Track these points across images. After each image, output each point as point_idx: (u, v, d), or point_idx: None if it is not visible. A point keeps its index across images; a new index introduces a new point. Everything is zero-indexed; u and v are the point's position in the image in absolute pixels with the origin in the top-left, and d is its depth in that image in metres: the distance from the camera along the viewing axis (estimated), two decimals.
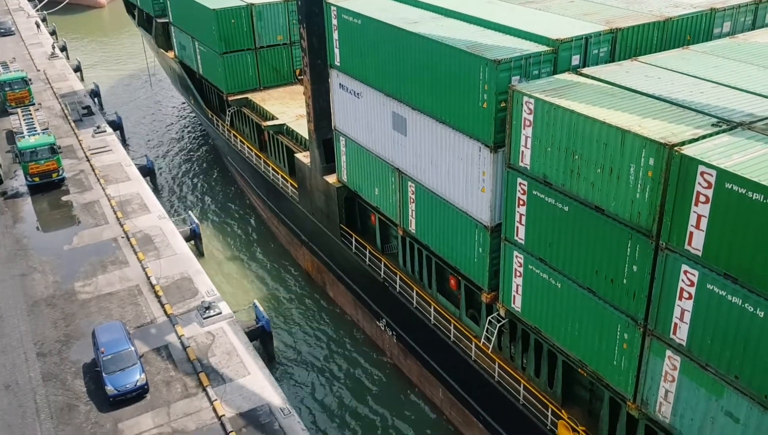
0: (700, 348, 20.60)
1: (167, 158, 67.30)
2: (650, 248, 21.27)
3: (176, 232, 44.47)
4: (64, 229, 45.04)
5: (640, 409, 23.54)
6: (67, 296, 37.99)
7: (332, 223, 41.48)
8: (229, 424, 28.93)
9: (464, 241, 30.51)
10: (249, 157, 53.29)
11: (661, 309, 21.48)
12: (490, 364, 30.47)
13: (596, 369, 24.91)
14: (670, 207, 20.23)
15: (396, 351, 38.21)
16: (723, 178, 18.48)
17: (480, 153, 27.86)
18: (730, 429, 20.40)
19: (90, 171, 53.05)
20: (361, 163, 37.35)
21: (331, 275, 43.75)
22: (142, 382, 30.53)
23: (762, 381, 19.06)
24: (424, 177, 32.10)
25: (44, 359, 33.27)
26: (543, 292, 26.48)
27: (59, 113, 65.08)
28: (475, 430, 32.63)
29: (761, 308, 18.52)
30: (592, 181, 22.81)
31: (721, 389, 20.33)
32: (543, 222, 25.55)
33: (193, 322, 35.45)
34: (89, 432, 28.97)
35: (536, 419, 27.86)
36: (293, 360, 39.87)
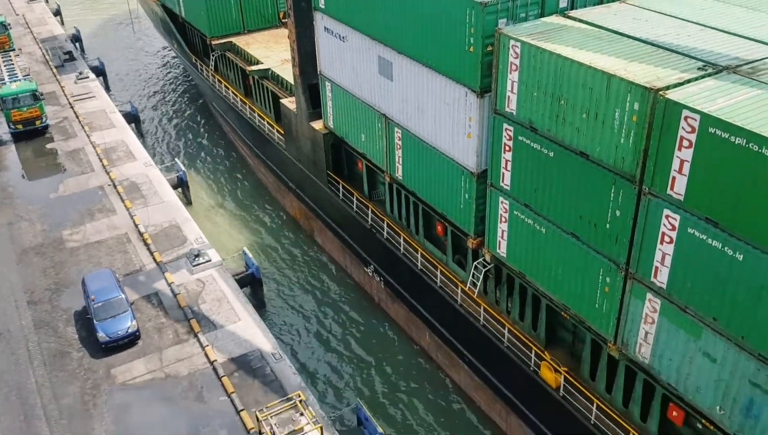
0: (680, 291, 20.96)
1: (152, 105, 66.28)
2: (633, 193, 21.39)
3: (163, 179, 44.17)
4: (49, 177, 44.61)
5: (620, 351, 24.09)
6: (55, 245, 37.93)
7: (319, 169, 41.32)
8: (221, 368, 29.37)
9: (450, 188, 30.53)
10: (234, 103, 52.59)
11: (643, 253, 21.75)
12: (475, 309, 30.94)
13: (578, 312, 25.36)
14: (654, 152, 20.26)
15: (384, 296, 38.66)
16: (706, 122, 18.46)
17: (466, 98, 27.62)
18: (707, 369, 20.95)
19: (74, 118, 52.22)
20: (348, 108, 36.97)
21: (318, 222, 43.84)
22: (134, 328, 30.77)
23: (739, 322, 19.49)
24: (411, 123, 31.86)
25: (35, 307, 33.43)
26: (528, 238, 26.70)
27: (40, 59, 63.62)
28: (461, 373, 33.37)
29: (740, 252, 18.78)
30: (578, 126, 22.74)
31: (699, 331, 20.79)
32: (528, 168, 25.57)
33: (182, 270, 35.55)
34: (82, 378, 29.36)
35: (520, 361, 28.48)
36: (283, 306, 40.29)
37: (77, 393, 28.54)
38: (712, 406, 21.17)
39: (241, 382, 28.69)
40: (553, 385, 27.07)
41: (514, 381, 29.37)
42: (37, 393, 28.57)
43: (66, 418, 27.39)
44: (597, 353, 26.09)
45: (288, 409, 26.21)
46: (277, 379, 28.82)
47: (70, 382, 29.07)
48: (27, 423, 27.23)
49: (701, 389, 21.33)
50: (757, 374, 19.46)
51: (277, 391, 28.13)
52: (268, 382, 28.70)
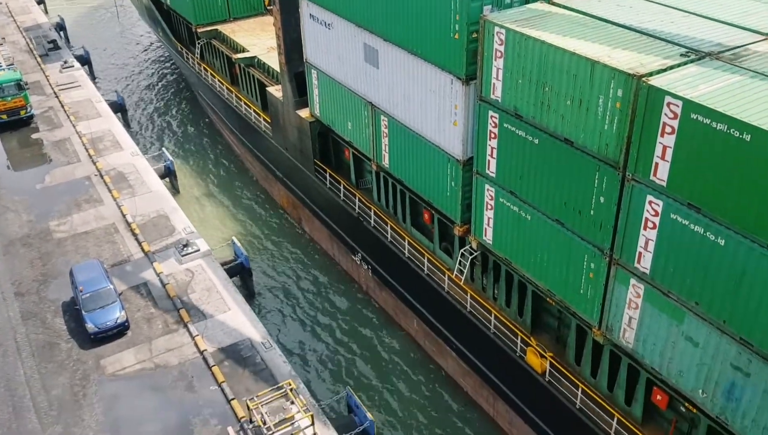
0: (663, 276, 21.16)
1: (138, 94, 65.74)
2: (617, 179, 21.51)
3: (150, 169, 43.88)
4: (35, 167, 44.16)
5: (605, 336, 24.31)
6: (42, 235, 37.63)
7: (306, 158, 41.22)
8: (211, 358, 29.31)
9: (437, 175, 30.58)
10: (220, 92, 52.28)
11: (627, 239, 21.91)
12: (462, 296, 31.08)
13: (564, 298, 25.55)
14: (637, 138, 20.37)
15: (371, 284, 38.75)
16: (688, 108, 18.57)
17: (452, 85, 27.61)
18: (689, 353, 21.20)
19: (59, 108, 51.67)
20: (334, 96, 36.86)
21: (306, 211, 43.78)
22: (123, 319, 30.63)
23: (721, 307, 19.71)
24: (397, 111, 31.82)
25: (22, 298, 33.15)
26: (513, 225, 26.82)
27: (24, 48, 62.82)
28: (448, 359, 33.56)
29: (722, 237, 18.96)
30: (562, 113, 22.81)
31: (681, 315, 21.01)
32: (514, 155, 25.64)
33: (171, 260, 35.39)
34: (71, 369, 29.19)
35: (506, 347, 28.67)
36: (272, 295, 40.24)
37: (66, 384, 28.43)
38: (695, 390, 21.44)
39: (231, 372, 28.71)
40: (538, 370, 27.29)
41: (500, 367, 29.58)
42: (26, 385, 28.43)
43: (56, 409, 27.31)
44: (582, 339, 26.32)
45: (279, 397, 26.27)
46: (268, 368, 28.85)
47: (59, 373, 28.95)
48: (16, 415, 27.11)
49: (684, 373, 21.59)
50: (738, 357, 19.71)
51: (268, 380, 28.16)
52: (259, 371, 28.74)
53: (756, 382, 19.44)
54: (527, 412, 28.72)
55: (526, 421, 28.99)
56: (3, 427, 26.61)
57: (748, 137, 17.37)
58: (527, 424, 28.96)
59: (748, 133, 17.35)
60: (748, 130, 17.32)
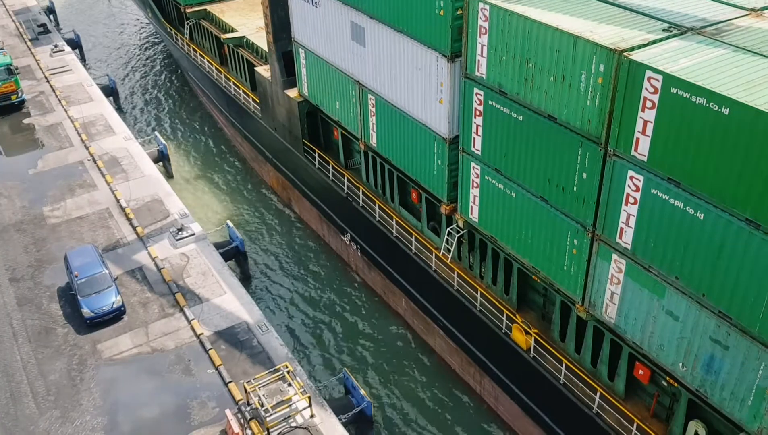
0: (644, 251, 21.30)
1: (129, 77, 65.29)
2: (599, 155, 21.58)
3: (143, 153, 43.73)
4: (27, 152, 43.97)
5: (588, 311, 24.50)
6: (36, 221, 37.51)
7: (295, 138, 41.14)
8: (208, 341, 29.36)
9: (424, 154, 30.59)
10: (209, 72, 52.01)
11: (609, 214, 22.03)
12: (449, 274, 31.22)
13: (548, 274, 25.70)
14: (618, 113, 20.41)
15: (361, 264, 38.86)
16: (668, 82, 18.60)
17: (437, 63, 27.55)
18: (669, 326, 21.40)
19: (50, 92, 51.38)
20: (322, 75, 36.74)
21: (296, 192, 43.77)
22: (119, 304, 30.58)
23: (700, 280, 19.87)
24: (384, 89, 31.76)
25: (17, 284, 33.11)
26: (499, 202, 26.90)
27: (14, 32, 62.33)
28: (436, 337, 33.77)
29: (701, 211, 19.08)
30: (545, 89, 22.81)
31: (662, 290, 21.18)
32: (498, 132, 25.66)
33: (166, 244, 35.34)
34: (68, 354, 29.19)
35: (492, 324, 28.87)
36: (268, 278, 40.10)
37: (64, 369, 28.49)
38: (675, 363, 21.67)
39: (228, 355, 28.81)
40: (523, 346, 27.50)
41: (486, 344, 29.79)
42: (23, 370, 28.47)
43: (53, 394, 27.39)
44: (566, 315, 26.51)
45: (276, 380, 26.38)
46: (264, 351, 28.95)
47: (56, 358, 29.01)
48: (14, 400, 27.18)
49: (664, 347, 21.80)
50: (717, 330, 19.90)
51: (265, 363, 28.30)
52: (256, 353, 28.85)
53: (734, 354, 19.65)
54: (512, 388, 28.97)
55: (511, 397, 29.26)
56: (1, 412, 26.68)
57: (726, 111, 17.42)
58: (512, 400, 29.24)
59: (726, 106, 17.40)
60: (727, 103, 17.36)
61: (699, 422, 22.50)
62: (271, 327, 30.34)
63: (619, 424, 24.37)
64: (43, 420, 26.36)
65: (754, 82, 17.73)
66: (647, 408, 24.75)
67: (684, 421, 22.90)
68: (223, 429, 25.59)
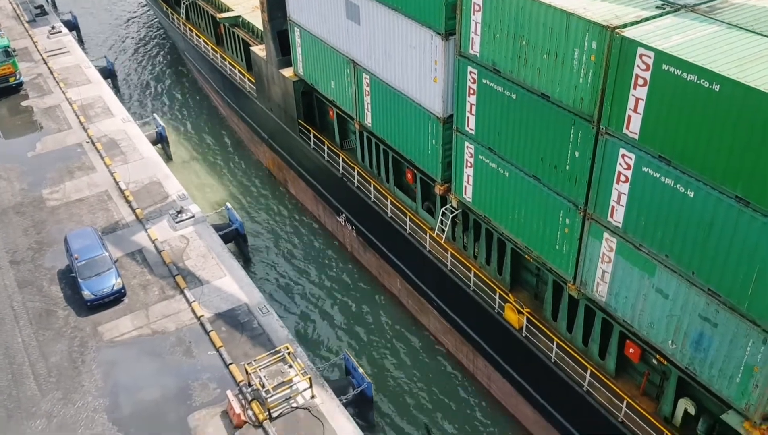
0: (635, 229, 21.33)
1: (127, 59, 64.85)
2: (591, 133, 21.54)
3: (142, 135, 43.64)
4: (26, 135, 43.90)
5: (579, 290, 24.59)
6: (35, 203, 37.49)
7: (290, 118, 41.01)
8: (208, 323, 29.42)
9: (418, 134, 30.52)
10: (205, 52, 51.74)
11: (600, 193, 22.03)
12: (443, 254, 31.27)
13: (540, 254, 25.76)
14: (611, 91, 20.34)
15: (356, 245, 38.90)
16: (660, 59, 18.52)
17: (432, 41, 27.40)
18: (659, 305, 21.48)
19: (48, 74, 51.22)
20: (317, 54, 36.55)
21: (291, 172, 43.71)
22: (119, 286, 30.60)
23: (690, 258, 19.92)
24: (378, 68, 31.62)
25: (18, 267, 33.13)
26: (492, 182, 26.89)
27: (11, 14, 62.01)
28: (430, 317, 33.90)
29: (692, 188, 19.08)
30: (539, 67, 22.72)
31: (652, 268, 21.23)
32: (492, 111, 25.59)
33: (165, 226, 35.33)
34: (69, 336, 29.26)
35: (485, 304, 28.96)
36: (267, 260, 39.98)
37: (65, 351, 28.58)
38: (665, 341, 21.78)
39: (229, 337, 28.89)
40: (516, 326, 27.61)
41: (479, 324, 29.91)
42: (25, 352, 28.57)
43: (55, 375, 27.51)
44: (558, 294, 26.59)
45: (277, 361, 26.53)
46: (265, 333, 29.04)
47: (57, 340, 29.09)
48: (15, 381, 27.32)
49: (654, 325, 21.90)
50: (706, 308, 19.98)
51: (265, 345, 28.39)
52: (256, 335, 28.95)
53: (723, 332, 19.74)
54: (505, 367, 29.13)
55: (503, 375, 29.44)
56: (3, 393, 26.85)
57: (717, 87, 17.37)
58: (505, 379, 29.42)
59: (717, 83, 17.34)
60: (718, 80, 17.31)
61: (688, 400, 22.66)
62: (271, 309, 30.39)
63: (609, 402, 24.52)
64: (45, 401, 26.51)
65: (746, 59, 17.66)
66: (638, 386, 24.91)
67: (674, 398, 23.07)
68: (224, 410, 25.76)
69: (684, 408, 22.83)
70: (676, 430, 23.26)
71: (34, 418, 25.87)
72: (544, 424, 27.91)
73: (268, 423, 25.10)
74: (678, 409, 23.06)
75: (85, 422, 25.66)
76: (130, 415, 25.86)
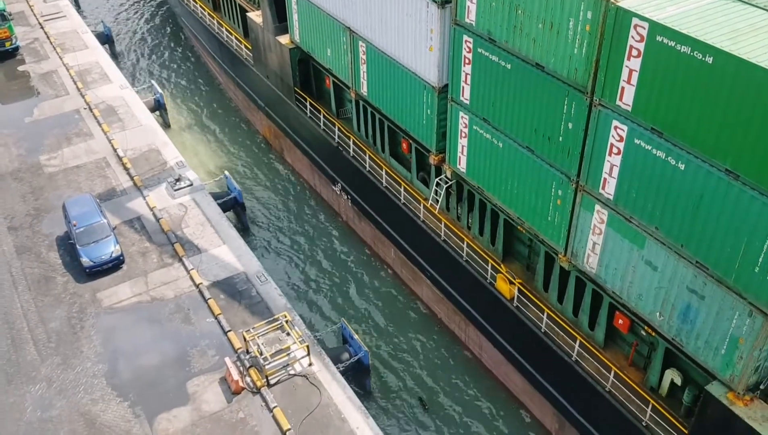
0: (626, 201, 21.38)
1: (124, 24, 64.08)
2: (585, 105, 21.46)
3: (140, 102, 43.32)
4: (23, 100, 43.52)
5: (570, 262, 24.73)
6: (33, 170, 37.35)
7: (287, 86, 40.76)
8: (207, 291, 29.54)
9: (413, 103, 30.38)
10: (202, 18, 51.19)
11: (593, 165, 22.03)
12: (437, 224, 31.37)
13: (533, 225, 25.84)
14: (605, 62, 20.21)
15: (351, 214, 38.97)
16: (654, 30, 18.37)
17: (428, 9, 27.13)
18: (648, 277, 21.64)
19: (45, 39, 50.62)
20: (313, 22, 36.19)
21: (288, 141, 43.59)
22: (117, 253, 30.60)
23: (679, 231, 20.01)
24: (374, 36, 31.34)
25: (16, 233, 33.13)
26: (486, 153, 26.85)
27: None
28: (423, 287, 34.13)
29: (682, 161, 19.09)
30: (534, 36, 22.53)
31: (642, 240, 21.34)
32: (487, 81, 25.44)
33: (164, 194, 35.26)
34: (68, 302, 29.36)
35: (478, 274, 29.15)
36: (266, 229, 40.02)
37: (64, 317, 28.69)
38: (653, 313, 21.98)
39: (227, 304, 29.03)
40: (507, 296, 27.83)
41: (471, 293, 30.13)
42: (24, 317, 28.67)
43: (54, 341, 27.66)
44: (550, 265, 26.75)
45: (274, 329, 26.72)
46: (263, 301, 29.18)
47: (56, 306, 29.20)
48: (14, 346, 27.48)
49: (643, 296, 22.08)
50: (694, 280, 20.14)
51: (263, 313, 28.52)
52: (254, 303, 29.08)
53: (710, 304, 19.93)
54: (496, 336, 29.43)
55: (495, 345, 29.75)
56: (2, 358, 27.03)
57: (710, 60, 17.26)
58: (496, 348, 29.74)
59: (710, 55, 17.23)
60: (711, 52, 17.19)
61: (675, 371, 22.97)
62: (269, 277, 30.47)
63: (597, 372, 24.86)
64: (45, 366, 26.72)
65: (740, 31, 17.53)
66: (626, 357, 25.21)
67: (661, 369, 23.39)
68: (222, 377, 26.03)
69: (670, 379, 23.16)
70: (663, 400, 23.63)
71: (34, 383, 26.15)
72: (534, 393, 28.31)
73: (265, 389, 25.41)
74: (665, 380, 23.40)
75: (84, 387, 25.95)
76: (129, 381, 26.12)
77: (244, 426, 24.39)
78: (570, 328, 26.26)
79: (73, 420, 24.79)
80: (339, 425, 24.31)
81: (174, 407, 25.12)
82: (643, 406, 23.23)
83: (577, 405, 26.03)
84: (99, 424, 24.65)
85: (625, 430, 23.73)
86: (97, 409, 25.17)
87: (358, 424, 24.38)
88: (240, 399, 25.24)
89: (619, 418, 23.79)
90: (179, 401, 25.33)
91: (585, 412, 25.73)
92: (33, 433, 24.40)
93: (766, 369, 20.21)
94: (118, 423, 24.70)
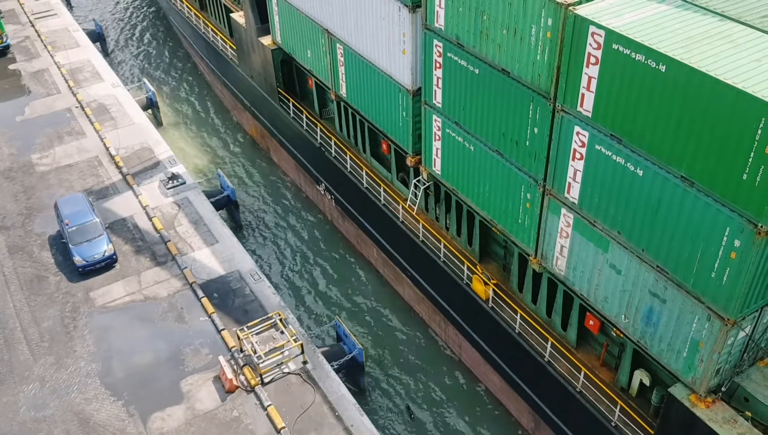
0: (589, 206, 21.56)
1: (116, 22, 64.11)
2: (548, 110, 21.60)
3: (132, 100, 43.37)
4: (14, 99, 43.57)
5: (540, 264, 24.93)
6: (25, 169, 37.45)
7: (270, 87, 40.92)
8: (200, 290, 29.65)
9: (390, 105, 30.55)
10: (189, 18, 51.29)
11: (558, 169, 22.19)
12: (415, 225, 31.58)
13: (504, 227, 26.04)
14: (565, 68, 20.34)
15: (335, 214, 39.21)
16: (610, 38, 18.49)
17: (399, 13, 27.25)
18: (613, 280, 21.84)
19: (36, 37, 50.66)
20: (293, 23, 36.30)
21: (273, 141, 43.77)
22: (110, 252, 30.67)
23: (639, 236, 20.19)
24: (351, 39, 31.46)
25: (8, 232, 33.21)
26: (459, 155, 27.03)
27: None
28: (405, 286, 34.39)
29: (641, 168, 19.24)
30: (499, 42, 22.65)
31: (606, 244, 21.52)
32: (457, 85, 25.59)
33: (157, 193, 35.32)
34: (61, 301, 29.43)
35: (454, 275, 29.38)
36: (258, 227, 40.15)
37: (57, 316, 28.79)
38: (618, 315, 22.21)
39: (220, 303, 29.15)
40: (483, 297, 28.06)
41: (449, 294, 30.37)
42: (16, 317, 28.77)
43: (47, 340, 27.79)
44: (524, 267, 26.96)
45: (268, 327, 26.80)
46: (257, 299, 29.31)
47: (48, 305, 29.31)
48: (7, 346, 27.63)
49: (609, 299, 22.30)
50: (655, 285, 20.33)
51: (257, 311, 28.63)
52: (248, 302, 29.20)
53: (671, 307, 20.14)
54: (473, 336, 29.69)
55: (472, 344, 30.02)
56: None
57: (663, 68, 17.38)
58: (474, 348, 30.01)
59: (663, 63, 17.35)
60: (664, 60, 17.31)
61: (644, 371, 23.20)
62: (263, 275, 30.56)
63: (569, 372, 25.10)
64: (38, 366, 26.88)
65: (693, 39, 17.63)
66: (597, 357, 25.45)
67: (630, 369, 23.61)
68: (216, 375, 26.22)
69: (639, 379, 23.40)
70: (633, 401, 23.88)
71: (27, 383, 26.26)
72: (511, 392, 28.60)
73: (260, 388, 25.56)
74: (634, 380, 23.64)
75: (78, 386, 26.06)
76: (122, 380, 26.23)
77: (239, 424, 24.57)
78: (543, 329, 26.49)
79: (66, 419, 24.99)
80: (333, 423, 24.46)
81: (168, 406, 25.31)
82: (611, 406, 23.49)
83: (550, 404, 26.31)
84: (93, 423, 24.85)
85: (595, 429, 24.01)
86: (91, 408, 25.37)
87: (353, 421, 24.54)
88: (234, 397, 25.41)
89: (590, 418, 24.07)
90: (173, 400, 25.49)
91: (558, 411, 26.02)
92: (27, 433, 24.64)
93: (727, 372, 20.44)
94: (112, 422, 24.91)
